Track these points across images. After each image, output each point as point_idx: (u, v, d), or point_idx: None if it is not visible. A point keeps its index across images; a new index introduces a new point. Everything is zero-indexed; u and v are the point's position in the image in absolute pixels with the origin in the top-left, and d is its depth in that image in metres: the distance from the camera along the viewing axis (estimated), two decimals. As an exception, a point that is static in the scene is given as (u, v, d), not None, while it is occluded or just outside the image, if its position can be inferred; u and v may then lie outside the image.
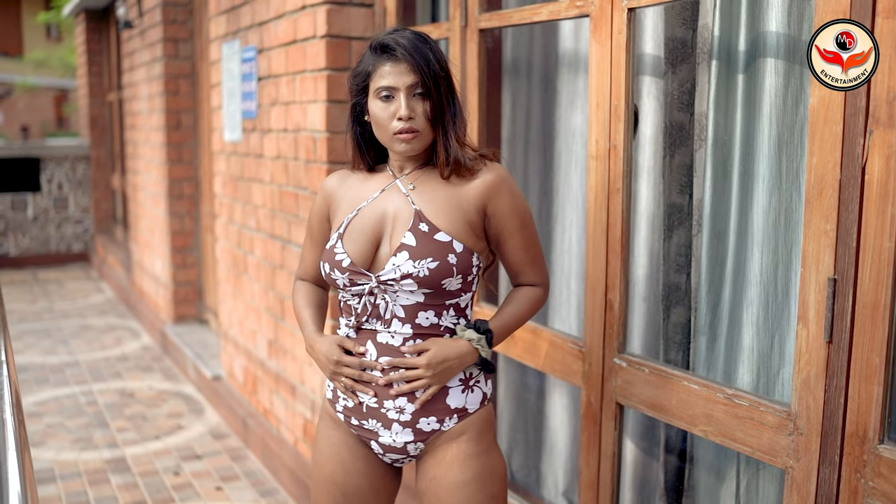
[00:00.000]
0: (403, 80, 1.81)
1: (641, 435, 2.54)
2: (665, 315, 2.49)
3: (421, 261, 1.81)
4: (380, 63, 1.84)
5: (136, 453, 4.37)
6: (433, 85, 1.81)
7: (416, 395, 1.88)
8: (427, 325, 1.87)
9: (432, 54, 1.83)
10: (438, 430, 1.90)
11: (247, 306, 4.48)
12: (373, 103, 1.85)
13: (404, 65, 1.81)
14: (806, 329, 1.78)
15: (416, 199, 1.88)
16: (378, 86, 1.83)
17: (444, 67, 1.84)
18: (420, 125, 1.82)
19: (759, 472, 2.21)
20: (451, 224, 1.85)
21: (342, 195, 1.99)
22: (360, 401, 1.91)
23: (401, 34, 1.85)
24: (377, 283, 1.85)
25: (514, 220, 1.91)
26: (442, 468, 1.90)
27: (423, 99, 1.82)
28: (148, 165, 6.88)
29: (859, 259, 1.66)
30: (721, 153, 2.26)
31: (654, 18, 2.39)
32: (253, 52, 4.11)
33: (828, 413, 1.75)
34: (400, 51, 1.81)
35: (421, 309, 1.86)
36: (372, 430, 1.93)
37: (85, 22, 9.59)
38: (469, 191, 1.87)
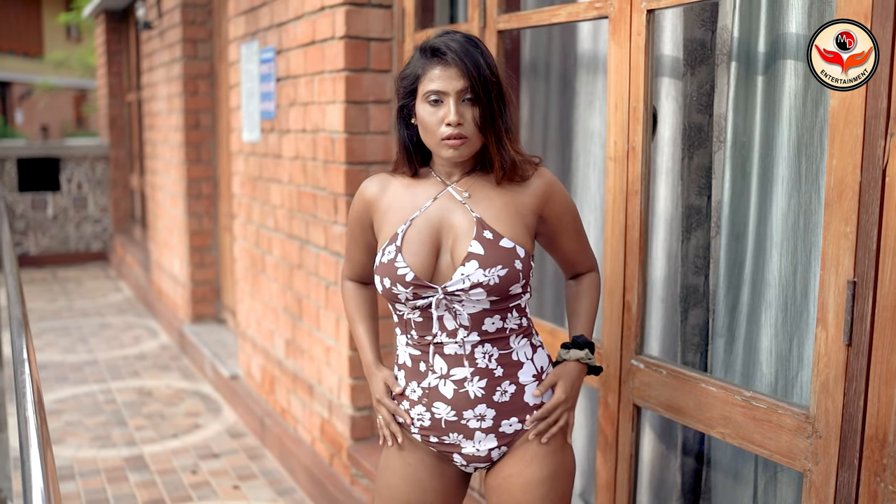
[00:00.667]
0: (453, 84, 1.76)
1: (659, 437, 2.54)
2: (683, 317, 2.49)
3: (491, 269, 1.79)
4: (429, 66, 1.79)
5: (154, 451, 4.40)
6: (483, 90, 1.76)
7: (494, 398, 1.86)
8: (493, 331, 1.85)
9: (483, 59, 1.78)
10: (521, 431, 1.89)
11: (265, 306, 4.50)
12: (421, 107, 1.81)
13: (454, 69, 1.76)
14: (825, 332, 1.77)
15: (474, 206, 1.85)
16: (427, 89, 1.79)
17: (494, 72, 1.80)
18: (469, 131, 1.78)
19: (776, 475, 2.20)
20: (512, 230, 1.84)
21: (388, 203, 1.92)
22: (438, 416, 1.88)
23: (451, 37, 1.81)
24: (444, 294, 1.82)
25: (569, 217, 1.94)
26: (520, 466, 1.88)
27: (472, 104, 1.77)
28: (167, 165, 6.92)
29: (879, 262, 1.65)
30: (740, 155, 2.25)
31: (672, 20, 2.39)
32: (272, 53, 4.13)
33: (847, 416, 1.74)
34: (451, 55, 1.76)
35: (487, 315, 1.84)
36: (454, 443, 1.90)
37: (105, 23, 9.66)
38: (525, 196, 1.87)
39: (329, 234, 3.59)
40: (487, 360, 1.85)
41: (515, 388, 1.87)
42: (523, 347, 1.89)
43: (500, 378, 1.86)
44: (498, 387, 1.86)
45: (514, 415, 1.87)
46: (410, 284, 1.82)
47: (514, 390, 1.87)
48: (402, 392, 1.94)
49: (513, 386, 1.87)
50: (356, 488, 3.54)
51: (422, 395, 1.89)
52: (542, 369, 1.91)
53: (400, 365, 1.95)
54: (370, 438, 3.61)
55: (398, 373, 1.95)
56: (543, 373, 1.91)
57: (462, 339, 1.84)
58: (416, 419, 1.91)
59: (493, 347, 1.86)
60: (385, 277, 1.85)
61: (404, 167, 1.93)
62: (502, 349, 1.86)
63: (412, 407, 1.91)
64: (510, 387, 1.87)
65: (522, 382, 1.88)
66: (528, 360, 1.89)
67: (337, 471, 3.72)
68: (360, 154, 3.44)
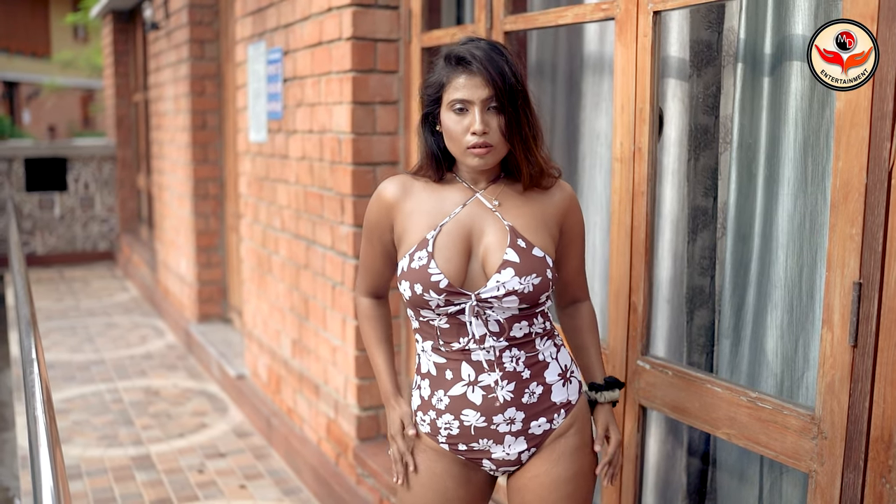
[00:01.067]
0: (478, 93, 1.76)
1: (664, 437, 2.55)
2: (689, 318, 2.49)
3: (526, 277, 1.80)
4: (454, 75, 1.79)
5: (161, 451, 4.42)
6: (508, 99, 1.76)
7: (523, 400, 1.87)
8: (521, 336, 1.86)
9: (508, 67, 1.78)
10: (549, 430, 1.89)
11: (271, 306, 4.52)
12: (446, 115, 1.81)
13: (479, 78, 1.76)
14: (831, 333, 1.78)
15: (505, 215, 1.85)
16: (452, 98, 1.79)
17: (519, 79, 1.79)
18: (494, 140, 1.78)
19: (782, 476, 2.21)
20: (542, 239, 1.86)
21: (412, 207, 1.90)
22: (467, 424, 1.87)
23: (476, 45, 1.81)
24: (476, 301, 1.82)
25: (580, 235, 1.97)
26: (547, 465, 1.89)
27: (497, 113, 1.78)
28: (173, 165, 6.94)
29: (885, 263, 1.66)
30: (746, 156, 2.26)
31: (679, 21, 2.39)
32: (279, 54, 4.15)
33: (852, 417, 1.74)
34: (475, 63, 1.76)
35: (515, 321, 1.85)
36: (483, 448, 1.90)
37: (112, 23, 9.70)
38: (551, 206, 1.90)
39: (336, 235, 3.60)
40: (515, 363, 1.86)
41: (543, 389, 1.88)
42: (548, 348, 1.90)
43: (527, 380, 1.87)
44: (526, 389, 1.86)
45: (542, 415, 1.88)
46: (444, 291, 1.81)
47: (542, 391, 1.88)
48: (417, 433, 1.96)
49: (540, 387, 1.88)
50: (362, 488, 3.55)
51: (449, 403, 1.88)
52: (566, 367, 1.93)
53: (423, 374, 1.93)
54: (376, 438, 3.62)
55: (422, 382, 1.93)
56: (567, 371, 1.93)
57: (490, 345, 1.84)
58: (444, 428, 1.90)
59: (521, 351, 1.86)
60: (416, 283, 1.83)
61: (431, 173, 1.91)
62: (529, 352, 1.87)
63: (439, 416, 1.89)
64: (538, 388, 1.88)
65: (549, 382, 1.89)
66: (553, 360, 1.91)
67: (343, 470, 3.73)
68: (367, 155, 3.45)
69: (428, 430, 1.93)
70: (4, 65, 24.02)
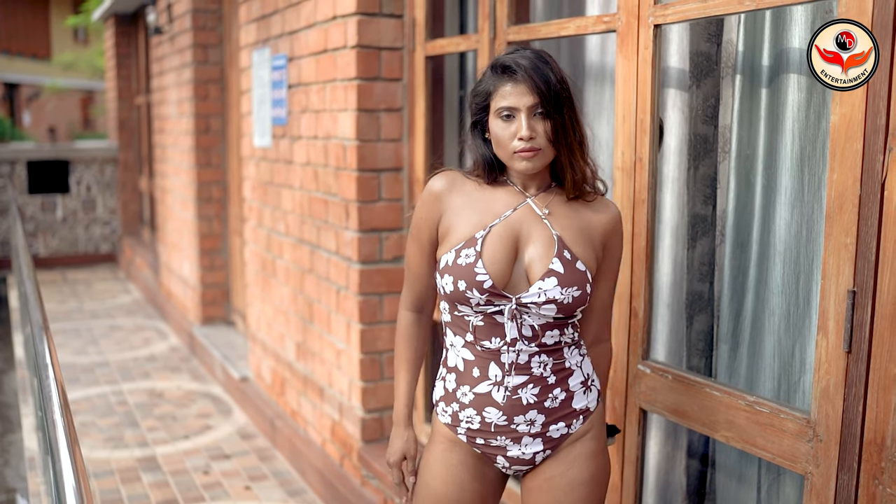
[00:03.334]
0: (524, 100, 1.81)
1: (664, 439, 2.60)
2: (688, 323, 2.55)
3: (568, 288, 1.84)
4: (500, 83, 1.84)
5: (167, 452, 4.47)
6: (553, 105, 1.81)
7: (546, 404, 1.91)
8: (551, 343, 1.90)
9: (552, 74, 1.82)
10: (567, 434, 1.94)
11: (275, 309, 4.57)
12: (494, 123, 1.86)
13: (524, 85, 1.81)
14: (826, 339, 1.83)
15: (553, 224, 1.89)
16: (499, 106, 1.84)
17: (564, 86, 1.84)
18: (541, 144, 1.82)
19: (779, 478, 2.26)
20: (586, 254, 1.89)
21: (461, 203, 1.95)
22: (489, 420, 1.93)
23: (521, 54, 1.86)
24: (516, 304, 1.86)
25: (616, 261, 1.97)
26: (563, 467, 1.94)
27: (543, 118, 1.82)
28: (177, 169, 6.99)
29: (878, 272, 1.71)
30: (744, 166, 2.32)
31: (679, 33, 2.45)
32: (283, 61, 4.20)
33: (847, 421, 1.80)
34: (521, 72, 1.81)
35: (549, 329, 1.89)
36: (500, 445, 1.94)
37: (114, 26, 9.75)
38: (597, 224, 1.91)
39: (340, 240, 3.66)
40: (542, 368, 1.90)
41: (566, 395, 1.92)
42: (574, 357, 1.94)
43: (552, 385, 1.91)
44: (550, 393, 1.91)
45: (561, 420, 1.93)
46: (487, 291, 1.85)
47: (565, 397, 1.92)
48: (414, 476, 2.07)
49: (563, 393, 1.92)
50: (367, 489, 3.60)
51: (473, 399, 1.92)
52: (588, 376, 1.96)
53: (450, 368, 1.97)
54: (380, 440, 3.67)
55: (448, 375, 1.99)
56: (589, 379, 1.96)
57: (521, 348, 1.89)
58: (465, 421, 1.95)
59: (549, 357, 1.90)
60: (461, 280, 1.86)
61: (483, 176, 1.96)
62: (556, 359, 1.91)
63: (462, 409, 1.95)
64: (561, 393, 1.92)
65: (572, 389, 1.93)
66: (578, 368, 1.94)
67: (347, 472, 3.78)
68: (371, 161, 3.50)
69: (448, 420, 1.98)
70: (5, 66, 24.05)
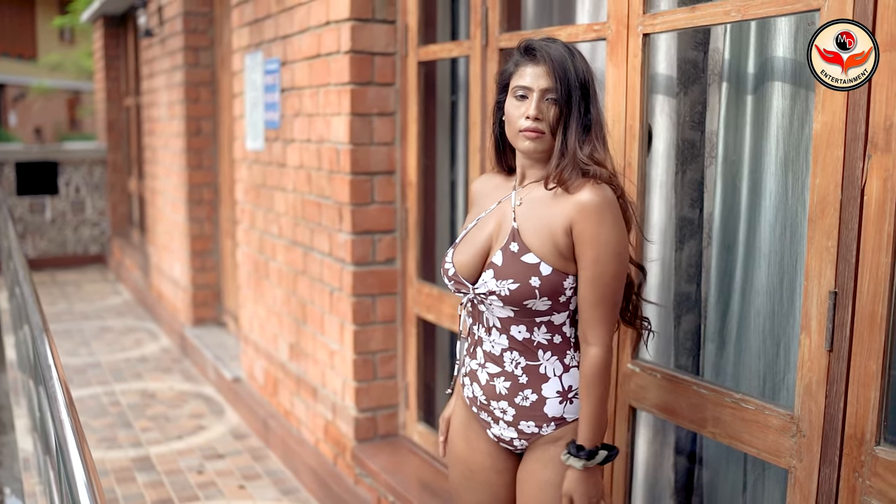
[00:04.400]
0: (539, 82, 1.87)
1: (653, 436, 2.67)
2: (676, 323, 2.62)
3: (502, 281, 1.88)
4: (522, 63, 1.92)
5: (160, 452, 4.52)
6: (565, 93, 1.85)
7: (516, 401, 1.98)
8: (520, 339, 1.95)
9: (573, 65, 1.86)
10: (538, 434, 1.99)
11: (268, 310, 4.62)
12: (509, 101, 1.93)
13: (543, 68, 1.87)
14: (808, 338, 1.91)
15: (519, 215, 1.93)
16: (516, 84, 1.91)
17: (583, 80, 1.87)
18: (547, 128, 1.88)
19: (764, 472, 2.33)
20: (542, 245, 1.87)
21: (477, 199, 2.12)
22: (475, 395, 2.07)
23: (550, 41, 1.91)
24: (473, 293, 1.97)
25: (591, 250, 1.84)
26: (539, 465, 1.99)
27: (554, 104, 1.87)
28: (168, 171, 7.03)
29: (858, 274, 1.79)
30: (730, 170, 2.39)
31: (667, 41, 2.52)
32: (276, 65, 4.25)
33: (828, 417, 1.87)
34: (542, 55, 1.88)
35: (513, 323, 1.94)
36: (485, 420, 2.08)
37: (103, 28, 9.76)
38: (559, 213, 1.86)
39: (334, 242, 3.71)
40: (514, 366, 1.97)
41: (537, 398, 1.96)
42: (553, 364, 1.95)
43: (523, 385, 1.96)
44: (521, 392, 1.97)
45: (532, 419, 1.98)
46: (451, 279, 2.00)
47: (536, 399, 1.96)
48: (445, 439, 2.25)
49: (535, 395, 1.96)
50: (360, 487, 3.66)
51: (468, 372, 2.10)
52: (569, 388, 1.96)
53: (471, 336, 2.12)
54: (374, 439, 3.73)
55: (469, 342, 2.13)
56: (570, 392, 1.96)
57: (494, 339, 1.98)
58: (465, 387, 2.12)
59: (521, 357, 1.95)
60: (441, 268, 2.08)
61: (494, 162, 2.08)
62: (529, 360, 1.96)
63: (465, 376, 2.13)
64: (532, 395, 1.96)
65: (545, 395, 1.96)
66: (556, 377, 1.95)
67: (341, 470, 3.84)
68: (365, 165, 3.56)
69: (462, 381, 2.16)
70: (-9, 67, 23.99)
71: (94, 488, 1.60)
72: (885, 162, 1.72)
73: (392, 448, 3.68)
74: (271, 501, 3.94)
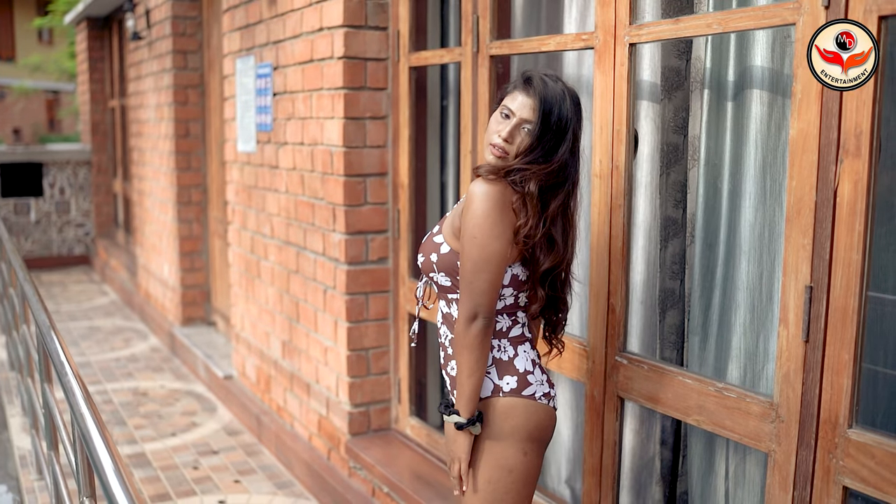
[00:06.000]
0: (522, 112, 2.06)
1: (640, 425, 2.80)
2: (661, 317, 2.75)
3: (420, 254, 2.22)
4: (519, 89, 2.10)
5: (155, 449, 4.60)
6: (541, 131, 2.04)
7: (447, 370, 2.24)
8: (444, 313, 2.24)
9: (560, 111, 2.03)
10: None
11: (260, 309, 4.72)
12: (496, 113, 2.13)
13: (531, 101, 2.05)
14: (786, 330, 2.04)
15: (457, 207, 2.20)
16: (505, 104, 2.11)
17: (564, 126, 2.04)
18: (512, 153, 2.08)
19: (745, 457, 2.47)
20: (447, 228, 2.17)
21: None
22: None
23: (550, 80, 2.07)
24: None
25: (465, 232, 2.04)
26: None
27: (529, 136, 2.06)
28: (156, 172, 7.09)
29: (832, 269, 1.92)
30: (712, 172, 2.52)
31: (651, 50, 2.64)
32: (268, 69, 4.35)
33: (805, 403, 2.01)
34: (535, 91, 2.05)
35: (440, 298, 2.25)
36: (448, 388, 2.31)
37: (87, 30, 9.79)
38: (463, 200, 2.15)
39: (328, 242, 3.82)
40: (445, 338, 2.25)
41: (456, 371, 2.18)
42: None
43: (451, 356, 2.22)
44: (450, 362, 2.23)
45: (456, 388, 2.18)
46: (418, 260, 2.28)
47: (455, 372, 2.18)
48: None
49: (454, 370, 2.21)
50: (354, 480, 3.77)
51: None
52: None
53: None
54: (367, 433, 3.85)
55: None
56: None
57: (437, 315, 2.29)
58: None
59: (448, 330, 2.22)
60: None
61: None
62: (453, 334, 2.19)
63: None
64: (453, 369, 2.22)
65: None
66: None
67: (335, 464, 3.94)
68: (358, 167, 3.67)
69: None
70: (-32, 68, 23.83)
71: (122, 475, 1.71)
72: (855, 166, 1.85)
73: (385, 441, 3.79)
74: (267, 495, 4.04)
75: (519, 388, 2.13)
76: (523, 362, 2.15)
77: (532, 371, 2.15)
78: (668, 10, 2.56)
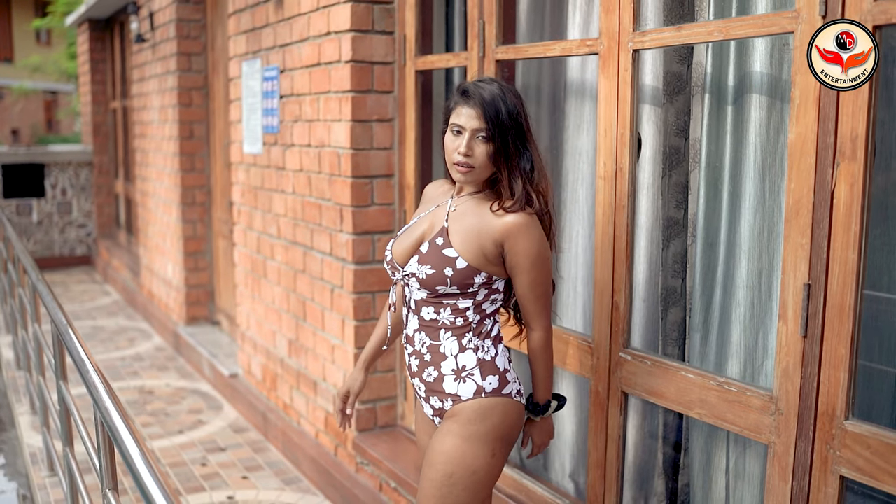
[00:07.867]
0: (471, 123, 2.13)
1: (643, 419, 2.88)
2: (663, 314, 2.83)
3: (422, 266, 2.19)
4: (459, 104, 2.17)
5: (163, 446, 4.68)
6: (498, 132, 2.12)
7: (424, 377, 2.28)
8: (428, 320, 2.26)
9: (505, 107, 2.12)
10: (442, 408, 2.27)
11: (266, 308, 4.79)
12: (447, 135, 2.20)
13: (475, 110, 2.13)
14: (785, 326, 2.12)
15: (452, 218, 2.24)
16: (452, 122, 2.17)
17: (514, 119, 2.13)
18: (476, 163, 2.15)
19: (745, 450, 2.55)
20: (464, 245, 2.17)
21: (426, 201, 2.42)
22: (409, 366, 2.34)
23: (483, 85, 2.16)
24: (401, 276, 2.27)
25: (525, 260, 2.17)
26: (439, 436, 2.26)
27: (485, 142, 2.14)
28: (160, 173, 7.16)
29: (829, 268, 2.00)
30: (713, 174, 2.60)
31: (654, 55, 2.72)
32: (275, 72, 4.42)
33: (803, 396, 2.09)
34: (475, 99, 2.13)
35: (424, 305, 2.25)
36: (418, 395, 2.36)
37: (88, 31, 9.85)
38: (491, 227, 2.16)
39: (335, 242, 3.89)
40: (422, 345, 2.29)
41: (437, 375, 2.26)
42: (451, 344, 2.24)
43: (427, 363, 2.28)
44: (426, 369, 2.28)
45: (436, 395, 2.27)
46: (389, 265, 2.34)
47: (437, 376, 2.26)
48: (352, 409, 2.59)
49: (436, 372, 2.27)
50: (361, 475, 3.84)
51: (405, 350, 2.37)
52: (462, 367, 2.23)
53: None
54: (374, 429, 3.92)
55: None
56: (464, 371, 2.22)
57: (410, 322, 2.31)
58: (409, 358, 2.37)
59: (427, 336, 2.26)
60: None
61: (446, 176, 2.35)
62: (433, 340, 2.26)
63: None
64: (434, 372, 2.27)
65: (443, 372, 2.26)
66: (452, 357, 2.24)
67: (342, 460, 4.02)
68: (365, 168, 3.75)
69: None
70: (-34, 69, 23.86)
71: (151, 465, 1.78)
72: (851, 169, 1.93)
73: (391, 437, 3.87)
74: (275, 491, 4.12)
75: (500, 387, 2.24)
76: (503, 360, 2.27)
77: (509, 369, 2.28)
78: (670, 18, 2.64)
